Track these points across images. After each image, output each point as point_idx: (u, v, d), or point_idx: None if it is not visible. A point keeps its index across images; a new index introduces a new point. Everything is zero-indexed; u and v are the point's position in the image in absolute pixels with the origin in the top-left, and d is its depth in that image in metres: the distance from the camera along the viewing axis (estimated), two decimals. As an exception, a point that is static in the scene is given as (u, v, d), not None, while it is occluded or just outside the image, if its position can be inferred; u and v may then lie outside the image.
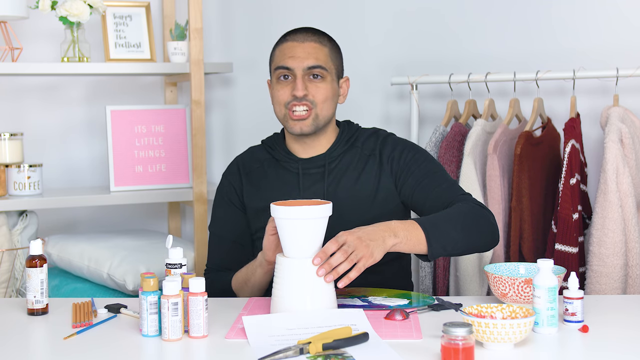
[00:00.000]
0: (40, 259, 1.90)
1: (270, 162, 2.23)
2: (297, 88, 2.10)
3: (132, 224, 3.32)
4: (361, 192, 2.15)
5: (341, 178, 2.16)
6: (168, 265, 1.84)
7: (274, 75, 2.16)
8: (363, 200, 2.14)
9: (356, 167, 2.17)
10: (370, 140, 2.21)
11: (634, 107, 2.62)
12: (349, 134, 2.21)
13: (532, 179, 2.59)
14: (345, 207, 2.12)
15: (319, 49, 2.14)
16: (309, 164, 2.18)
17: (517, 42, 2.86)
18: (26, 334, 1.81)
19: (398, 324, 1.78)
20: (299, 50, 2.13)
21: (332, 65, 2.16)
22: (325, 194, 2.15)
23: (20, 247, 2.74)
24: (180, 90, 3.35)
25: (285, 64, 2.12)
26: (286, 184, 2.18)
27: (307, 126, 2.12)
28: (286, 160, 2.20)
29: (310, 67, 2.11)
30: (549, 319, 1.71)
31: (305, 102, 2.11)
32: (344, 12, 3.16)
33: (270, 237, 1.96)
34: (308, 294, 1.77)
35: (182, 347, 1.67)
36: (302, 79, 2.11)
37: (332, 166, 2.18)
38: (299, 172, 2.18)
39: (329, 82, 2.14)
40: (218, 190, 2.30)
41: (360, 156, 2.18)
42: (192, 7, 2.91)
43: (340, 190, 2.15)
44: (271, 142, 2.26)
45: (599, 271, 2.43)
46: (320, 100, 2.12)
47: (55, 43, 3.06)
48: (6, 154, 2.81)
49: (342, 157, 2.19)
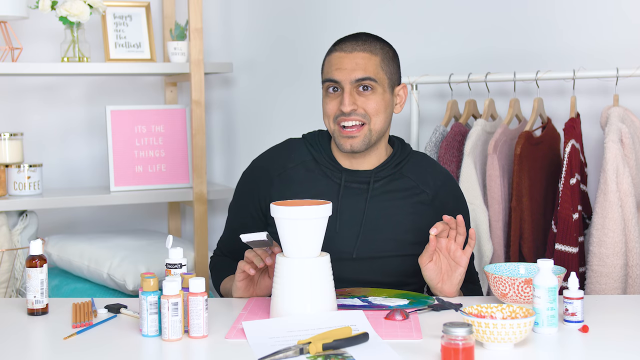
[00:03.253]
0: (40, 259, 1.90)
1: (309, 164, 2.10)
2: (344, 103, 1.99)
3: (132, 224, 3.32)
4: (401, 222, 2.06)
5: (384, 201, 2.07)
6: (168, 265, 1.84)
7: (323, 87, 2.05)
8: (400, 229, 2.06)
9: (404, 196, 2.08)
10: (427, 173, 2.11)
11: (634, 107, 2.62)
12: (400, 157, 2.11)
13: (532, 179, 2.59)
14: (379, 229, 2.05)
15: (368, 58, 2.01)
16: (352, 177, 2.08)
17: (517, 42, 2.86)
18: (26, 334, 1.81)
19: (398, 324, 1.78)
20: (346, 61, 2.00)
21: (384, 76, 2.03)
22: (365, 212, 2.05)
23: (20, 247, 2.74)
24: (180, 90, 3.35)
25: (332, 76, 2.01)
26: (324, 193, 2.07)
27: (358, 144, 2.01)
28: (329, 167, 2.09)
29: (358, 79, 1.99)
30: (549, 319, 1.71)
31: (356, 116, 2.00)
32: (344, 12, 3.16)
33: (238, 284, 1.96)
34: (308, 294, 1.77)
35: (182, 347, 1.67)
36: (350, 93, 2.00)
37: (376, 185, 2.07)
38: (341, 183, 2.07)
39: (380, 94, 2.02)
40: (245, 175, 2.18)
41: (412, 187, 2.09)
42: (192, 7, 2.91)
43: (380, 213, 2.06)
44: (314, 141, 2.13)
45: (599, 271, 2.43)
46: (371, 112, 2.00)
47: (55, 43, 3.06)
48: (6, 154, 2.81)
49: (389, 179, 2.09)
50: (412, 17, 3.05)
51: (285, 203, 1.84)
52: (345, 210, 2.06)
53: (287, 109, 3.31)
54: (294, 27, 3.28)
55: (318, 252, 1.82)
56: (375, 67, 2.01)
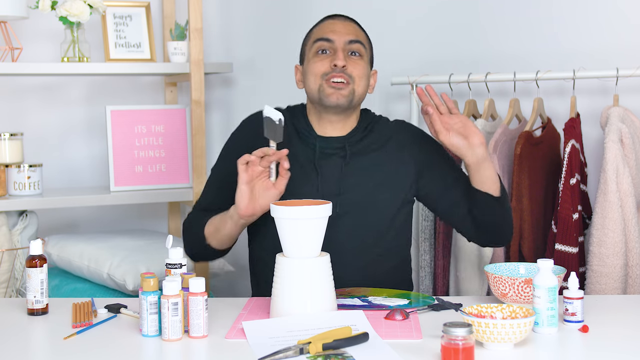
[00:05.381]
0: (40, 259, 1.90)
1: (290, 130, 2.19)
2: (338, 57, 2.09)
3: (132, 224, 3.32)
4: (376, 176, 2.15)
5: (358, 162, 2.15)
6: (168, 265, 1.84)
7: (312, 49, 2.15)
8: (376, 181, 2.14)
9: (374, 150, 2.17)
10: (388, 126, 2.22)
11: (634, 107, 2.62)
12: (366, 121, 2.21)
13: (532, 179, 2.59)
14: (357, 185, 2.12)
15: (358, 30, 2.19)
16: (326, 143, 2.16)
17: (517, 42, 2.86)
18: (26, 334, 1.81)
19: (398, 324, 1.78)
20: (340, 26, 2.16)
21: (368, 49, 2.18)
22: (342, 170, 2.13)
23: (20, 247, 2.74)
24: (180, 90, 3.35)
25: (326, 35, 2.14)
26: (300, 156, 2.14)
27: (344, 97, 2.09)
28: (305, 133, 2.17)
29: (351, 40, 2.13)
30: (549, 319, 1.71)
31: (344, 74, 2.09)
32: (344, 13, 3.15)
33: (242, 187, 1.96)
34: (308, 294, 1.78)
35: (182, 347, 1.67)
36: (343, 51, 2.11)
37: (352, 150, 2.16)
38: (316, 149, 2.15)
39: (365, 62, 2.15)
40: (232, 135, 2.27)
41: (378, 139, 2.19)
42: (192, 7, 2.91)
43: (356, 173, 2.14)
44: (296, 110, 2.23)
45: (599, 271, 2.43)
46: (357, 75, 2.11)
47: (55, 43, 3.06)
48: (6, 154, 2.81)
49: (360, 142, 2.18)
50: (412, 17, 3.05)
51: (285, 203, 1.84)
52: (324, 171, 2.13)
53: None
54: (294, 27, 3.28)
55: (318, 252, 1.82)
56: (364, 37, 2.19)
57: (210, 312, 1.84)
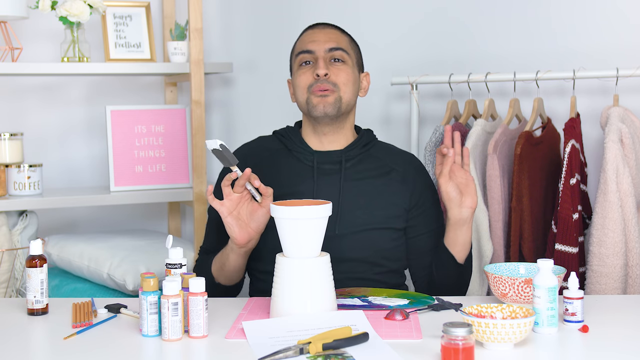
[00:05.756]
0: (40, 259, 1.90)
1: (281, 152, 2.19)
2: (318, 66, 2.09)
3: (132, 224, 3.32)
4: (376, 198, 2.13)
5: (357, 180, 2.14)
6: (168, 265, 1.84)
7: (296, 63, 2.16)
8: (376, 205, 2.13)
9: (375, 175, 2.16)
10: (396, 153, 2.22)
11: (634, 107, 2.62)
12: (367, 139, 2.20)
13: (532, 179, 2.59)
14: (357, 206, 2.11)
15: (340, 35, 2.17)
16: (324, 158, 2.15)
17: (517, 42, 2.86)
18: (26, 334, 1.81)
19: (398, 324, 1.78)
20: (319, 35, 2.15)
21: (352, 53, 2.16)
22: (341, 189, 2.12)
23: (20, 247, 2.74)
24: (180, 90, 3.35)
25: (306, 47, 2.14)
26: (298, 175, 2.14)
27: (330, 104, 2.09)
28: (300, 151, 2.17)
29: (331, 48, 2.12)
30: (549, 319, 1.71)
31: (327, 83, 2.09)
32: (344, 13, 3.16)
33: (227, 220, 1.96)
34: (308, 294, 1.78)
35: (182, 347, 1.67)
36: (324, 60, 2.11)
37: (348, 165, 2.15)
38: (314, 165, 2.14)
39: (350, 67, 2.14)
40: (222, 172, 2.25)
41: (381, 166, 2.17)
42: (192, 7, 2.91)
43: (355, 190, 2.13)
44: (284, 132, 2.22)
45: (599, 271, 2.43)
46: (342, 82, 2.11)
47: (55, 43, 3.06)
48: (6, 154, 2.81)
49: (359, 159, 2.17)
50: (412, 17, 3.05)
51: (285, 203, 1.84)
52: (322, 189, 2.12)
53: (287, 109, 3.31)
54: (294, 27, 3.28)
55: (318, 252, 1.82)
56: (346, 42, 2.17)
57: (210, 312, 1.84)
